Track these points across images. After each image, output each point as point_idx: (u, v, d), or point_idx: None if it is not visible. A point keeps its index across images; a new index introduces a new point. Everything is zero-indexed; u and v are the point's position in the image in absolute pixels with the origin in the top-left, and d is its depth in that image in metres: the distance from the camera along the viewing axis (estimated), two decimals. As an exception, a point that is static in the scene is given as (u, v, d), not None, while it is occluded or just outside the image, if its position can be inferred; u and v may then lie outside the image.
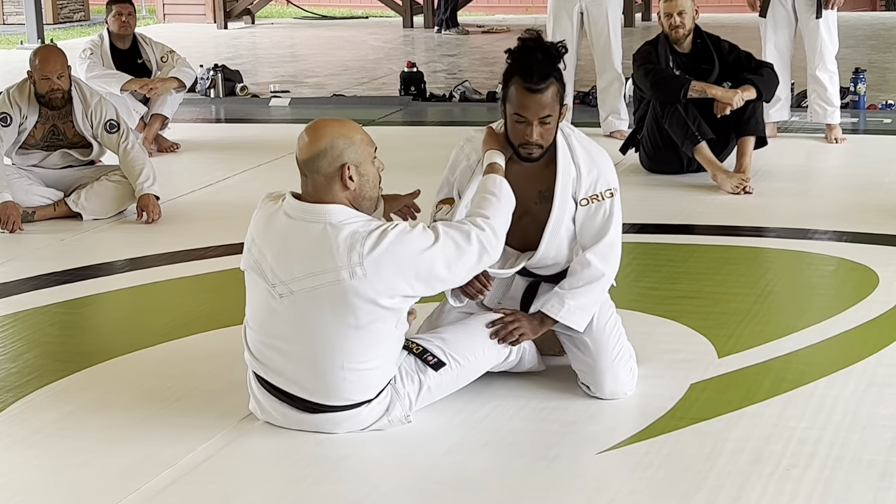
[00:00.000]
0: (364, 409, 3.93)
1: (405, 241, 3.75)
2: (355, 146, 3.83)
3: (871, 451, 3.81)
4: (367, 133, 3.93)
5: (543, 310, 4.12)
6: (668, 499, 3.55)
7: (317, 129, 3.87)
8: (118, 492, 3.64)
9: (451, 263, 3.80)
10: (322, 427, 3.95)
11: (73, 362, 4.71)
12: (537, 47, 4.03)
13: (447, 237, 3.82)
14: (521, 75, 3.99)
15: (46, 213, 6.84)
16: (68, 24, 18.39)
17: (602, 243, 4.14)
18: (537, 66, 3.98)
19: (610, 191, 4.14)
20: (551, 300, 4.11)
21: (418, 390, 4.01)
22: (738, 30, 13.17)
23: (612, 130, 8.71)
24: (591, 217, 4.14)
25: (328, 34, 16.79)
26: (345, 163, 3.81)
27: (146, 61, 8.71)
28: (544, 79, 3.99)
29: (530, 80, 3.98)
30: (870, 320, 4.96)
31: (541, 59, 4.00)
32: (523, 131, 4.04)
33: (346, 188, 3.82)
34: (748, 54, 7.46)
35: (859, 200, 6.92)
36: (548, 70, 4.00)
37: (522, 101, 4.00)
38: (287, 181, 7.69)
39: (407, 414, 3.98)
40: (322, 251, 3.78)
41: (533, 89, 3.98)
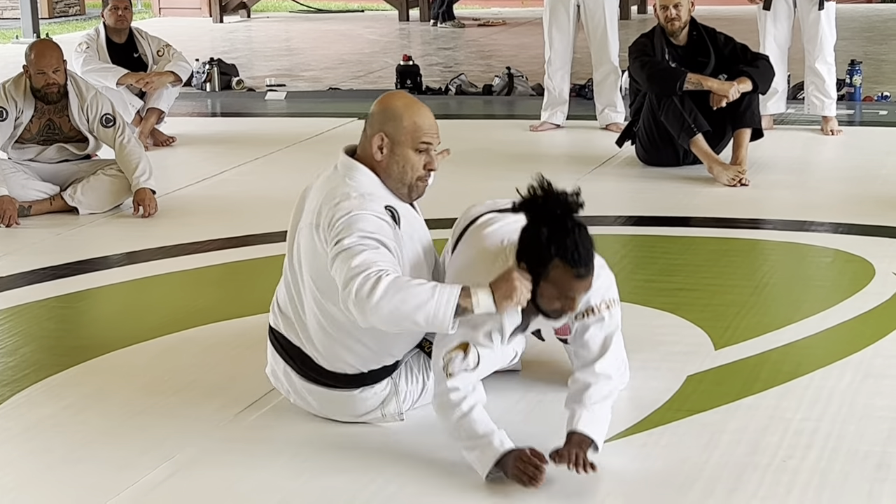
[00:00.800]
0: (357, 393, 3.93)
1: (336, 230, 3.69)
2: (399, 125, 3.81)
3: (868, 443, 3.81)
4: (428, 124, 3.83)
5: (586, 432, 3.65)
6: (664, 490, 3.56)
7: (388, 95, 3.94)
8: (116, 485, 3.65)
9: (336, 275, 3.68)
10: (318, 400, 3.97)
11: (70, 356, 4.71)
12: (571, 220, 3.56)
13: (350, 257, 3.62)
14: (568, 262, 3.52)
15: (43, 207, 6.84)
16: (64, 18, 18.36)
17: (608, 356, 3.78)
18: (584, 249, 3.54)
19: (605, 302, 3.78)
20: (591, 425, 3.66)
21: (421, 391, 4.02)
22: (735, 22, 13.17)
23: (608, 123, 8.72)
24: (588, 328, 3.78)
25: (324, 28, 16.78)
26: (381, 132, 3.82)
27: (142, 55, 8.70)
28: (591, 261, 3.57)
29: (578, 266, 3.54)
30: (866, 312, 4.96)
31: (580, 234, 3.55)
32: (563, 305, 3.62)
33: (373, 157, 3.83)
34: (744, 46, 7.46)
35: (855, 192, 6.93)
36: (591, 249, 3.57)
37: (569, 285, 3.56)
38: (283, 175, 7.75)
39: (401, 411, 3.98)
40: (321, 194, 3.83)
41: (582, 274, 3.57)
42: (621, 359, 3.92)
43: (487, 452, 3.56)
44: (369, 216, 3.71)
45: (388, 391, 3.96)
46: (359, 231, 3.66)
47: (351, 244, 3.64)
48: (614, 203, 6.93)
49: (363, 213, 3.70)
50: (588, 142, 8.45)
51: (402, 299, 3.52)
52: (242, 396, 4.26)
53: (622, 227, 6.36)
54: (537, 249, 3.53)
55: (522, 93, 10.24)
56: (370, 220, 3.70)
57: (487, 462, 3.56)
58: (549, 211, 3.53)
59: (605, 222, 6.39)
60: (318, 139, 8.85)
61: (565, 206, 3.54)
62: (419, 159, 3.83)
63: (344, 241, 3.65)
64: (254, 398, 4.25)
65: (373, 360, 3.94)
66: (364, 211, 3.71)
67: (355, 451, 3.84)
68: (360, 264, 3.59)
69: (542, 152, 8.27)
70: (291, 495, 3.58)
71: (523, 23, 16.25)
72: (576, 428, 3.64)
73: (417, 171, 3.84)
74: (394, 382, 3.98)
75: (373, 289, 3.53)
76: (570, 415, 3.69)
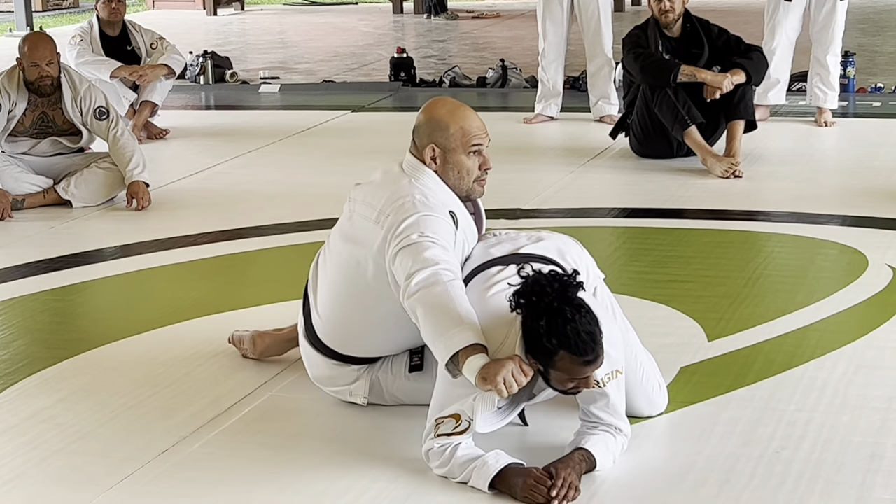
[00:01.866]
0: (333, 363, 4.03)
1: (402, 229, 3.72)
2: (447, 134, 3.83)
3: (861, 434, 3.82)
4: (475, 126, 3.85)
5: (591, 450, 3.60)
6: (657, 481, 3.56)
7: (431, 104, 3.94)
8: (110, 477, 3.65)
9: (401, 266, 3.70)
10: (305, 354, 4.11)
11: (63, 349, 4.71)
12: (569, 307, 3.40)
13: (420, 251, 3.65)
14: (573, 352, 3.40)
15: (36, 200, 6.83)
16: (57, 11, 18.33)
17: (617, 417, 3.67)
18: (587, 335, 3.39)
19: (608, 375, 3.59)
20: (597, 445, 3.62)
21: (391, 382, 4.04)
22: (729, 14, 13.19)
23: (602, 115, 8.72)
24: (593, 399, 3.65)
25: (318, 20, 16.76)
26: (431, 144, 3.85)
27: (136, 48, 8.69)
28: (597, 345, 3.43)
29: (584, 355, 3.41)
30: (859, 303, 4.97)
31: (581, 319, 3.40)
32: (577, 384, 3.51)
33: (428, 167, 3.86)
34: (738, 38, 7.46)
35: (849, 183, 6.94)
36: (595, 332, 3.42)
37: (579, 371, 3.45)
38: (276, 167, 7.75)
39: (366, 396, 4.04)
40: (385, 191, 3.85)
41: (590, 360, 3.44)
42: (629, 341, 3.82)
43: (484, 470, 3.50)
44: (434, 217, 3.75)
45: (361, 372, 4.04)
46: (428, 231, 3.70)
47: (420, 240, 3.67)
48: (608, 195, 6.93)
49: (430, 216, 3.74)
50: (582, 134, 8.45)
51: (441, 308, 3.53)
52: (236, 390, 4.26)
53: (616, 219, 6.36)
54: (540, 344, 3.41)
55: (516, 85, 10.24)
56: (435, 221, 3.74)
57: (487, 476, 3.49)
58: (543, 304, 3.40)
59: (599, 214, 6.40)
60: (312, 132, 8.85)
61: (559, 294, 3.40)
62: (473, 162, 3.87)
63: (412, 236, 3.69)
64: (247, 391, 4.25)
65: (356, 349, 4.01)
66: (431, 213, 3.75)
67: (348, 444, 3.84)
68: (432, 257, 3.62)
69: (536, 144, 8.27)
70: (283, 490, 3.58)
71: (517, 15, 16.24)
72: (582, 445, 3.60)
73: (474, 173, 3.88)
74: (371, 368, 4.05)
75: (437, 282, 3.56)
76: (578, 431, 3.67)
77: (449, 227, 3.77)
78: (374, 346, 4.01)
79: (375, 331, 3.95)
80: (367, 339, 3.98)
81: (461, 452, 3.56)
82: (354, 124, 9.18)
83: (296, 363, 4.40)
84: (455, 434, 3.58)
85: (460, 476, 3.55)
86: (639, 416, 3.92)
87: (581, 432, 3.66)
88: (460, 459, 3.55)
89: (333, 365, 4.06)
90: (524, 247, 3.85)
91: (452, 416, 3.60)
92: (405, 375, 4.02)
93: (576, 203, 6.60)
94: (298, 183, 7.31)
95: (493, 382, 3.42)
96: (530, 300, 3.42)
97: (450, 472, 3.57)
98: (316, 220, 6.32)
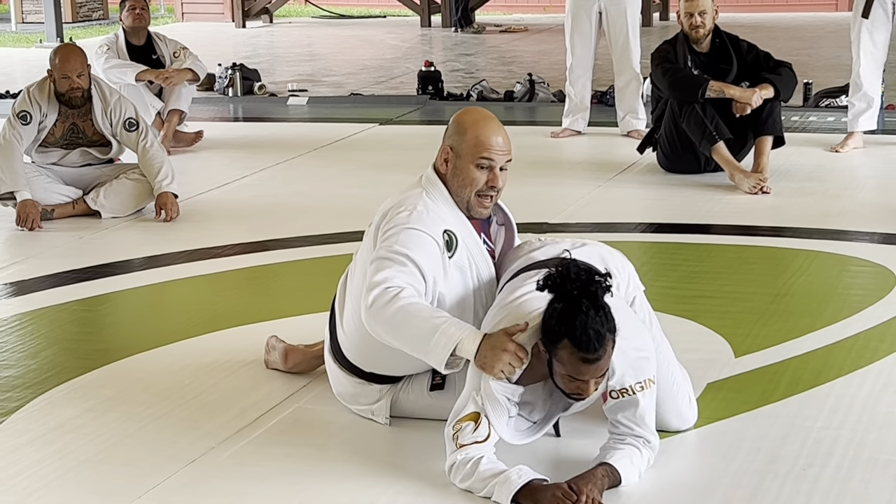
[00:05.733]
0: (356, 381, 4.03)
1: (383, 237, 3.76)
2: (462, 139, 3.85)
3: (888, 452, 3.80)
4: (493, 141, 3.81)
5: (616, 466, 3.58)
6: (684, 497, 3.55)
7: (464, 110, 3.97)
8: (137, 488, 3.66)
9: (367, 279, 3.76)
10: (331, 372, 4.12)
11: (91, 359, 4.73)
12: (588, 301, 3.41)
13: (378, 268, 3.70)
14: (574, 344, 3.40)
15: (65, 211, 6.87)
16: (87, 22, 18.43)
17: (644, 430, 3.65)
18: (593, 333, 3.39)
19: (640, 384, 3.59)
20: (622, 460, 3.59)
21: (413, 402, 4.04)
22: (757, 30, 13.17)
23: (629, 130, 8.71)
24: (623, 408, 3.62)
25: (346, 33, 16.81)
26: (447, 146, 3.88)
27: (160, 56, 8.75)
28: (601, 347, 3.41)
29: (584, 350, 3.41)
30: (887, 320, 4.95)
31: (595, 317, 3.40)
32: (577, 388, 3.51)
33: (440, 171, 3.89)
34: (767, 54, 7.45)
35: (877, 200, 6.91)
36: (604, 331, 3.41)
37: (576, 368, 3.45)
38: (304, 180, 7.77)
39: (387, 417, 4.04)
40: (394, 196, 3.91)
41: (590, 360, 3.43)
42: (653, 421, 3.70)
43: (507, 485, 3.48)
44: (418, 233, 3.74)
45: (384, 392, 4.04)
46: (399, 245, 3.71)
47: (386, 255, 3.69)
48: (635, 210, 6.93)
49: (413, 230, 3.74)
50: (609, 148, 8.45)
51: (406, 325, 3.58)
52: (262, 401, 4.27)
53: (643, 234, 6.36)
54: (549, 326, 3.46)
55: (544, 99, 10.25)
56: (416, 238, 3.73)
57: (510, 491, 3.46)
58: (567, 290, 3.44)
59: (626, 229, 6.40)
60: (340, 144, 8.87)
61: (584, 287, 3.42)
62: (480, 175, 3.83)
63: (381, 250, 3.72)
64: (274, 403, 4.26)
65: (379, 367, 4.01)
66: (415, 227, 3.75)
67: (371, 460, 3.84)
68: (384, 278, 3.65)
69: (564, 159, 8.27)
70: (309, 501, 3.59)
71: (545, 29, 16.25)
72: (606, 460, 3.58)
73: (476, 186, 3.84)
74: (393, 388, 4.04)
75: (386, 304, 3.61)
76: (605, 445, 3.65)
77: (431, 247, 3.75)
78: (394, 363, 3.98)
79: (392, 349, 3.86)
80: (388, 356, 3.92)
81: (484, 467, 3.54)
82: (382, 137, 9.20)
83: (322, 375, 4.41)
84: (477, 443, 3.57)
85: (483, 491, 3.53)
86: (668, 430, 3.91)
87: (607, 447, 3.66)
88: (483, 474, 3.54)
89: (357, 383, 4.06)
90: (566, 252, 3.84)
91: (470, 417, 3.58)
92: (427, 394, 4.01)
93: (603, 218, 6.59)
94: (325, 195, 7.33)
95: (489, 372, 3.50)
96: (556, 282, 3.45)
97: (472, 486, 3.56)
98: (343, 232, 6.34)
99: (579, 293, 3.42)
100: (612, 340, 3.45)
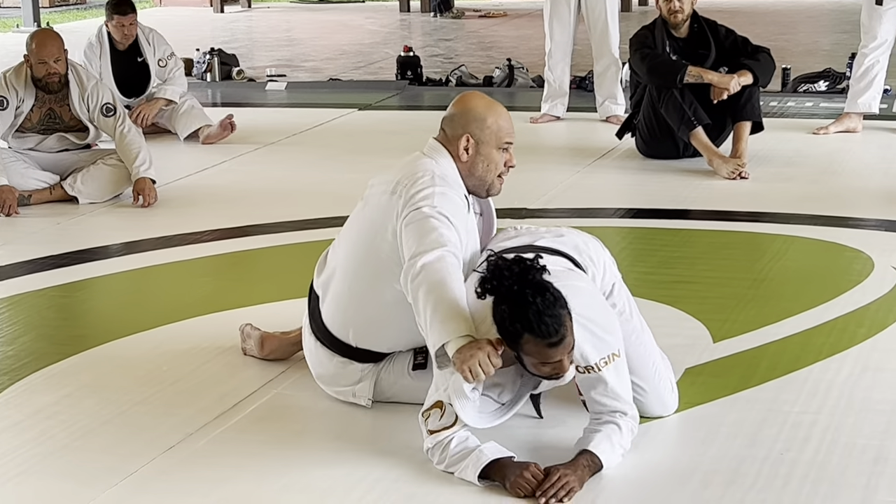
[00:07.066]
0: (338, 359, 4.02)
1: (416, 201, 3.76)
2: (483, 126, 3.91)
3: (865, 436, 3.82)
4: (509, 124, 3.97)
5: (595, 451, 3.59)
6: (662, 481, 3.56)
7: (467, 96, 4.01)
8: (115, 474, 3.65)
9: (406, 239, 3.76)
10: (310, 351, 4.10)
11: (69, 345, 4.72)
12: (531, 290, 3.42)
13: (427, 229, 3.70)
14: (536, 335, 3.42)
15: (42, 196, 6.85)
16: (64, 7, 18.36)
17: (620, 402, 3.66)
18: (549, 318, 3.40)
19: (604, 359, 3.61)
20: (602, 444, 3.60)
21: (393, 383, 4.04)
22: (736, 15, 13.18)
23: (608, 115, 8.72)
24: (592, 385, 3.65)
25: (325, 18, 16.77)
26: (467, 134, 3.90)
27: (145, 59, 8.58)
28: (561, 327, 3.43)
29: (547, 337, 3.42)
30: (864, 305, 4.97)
31: (543, 302, 3.41)
32: (552, 369, 3.53)
33: (458, 158, 3.90)
34: (745, 39, 7.46)
35: (855, 185, 6.93)
36: (558, 310, 3.42)
37: (546, 354, 3.47)
38: (282, 165, 7.75)
39: (370, 398, 4.04)
40: (403, 170, 3.90)
41: (555, 342, 3.45)
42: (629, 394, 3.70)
43: (474, 464, 3.52)
44: (451, 196, 3.80)
45: (366, 372, 4.04)
46: (440, 206, 3.74)
47: (430, 214, 3.71)
48: (614, 195, 6.93)
49: (446, 192, 3.79)
50: (588, 134, 8.45)
51: (440, 296, 3.55)
52: (241, 387, 4.27)
53: (621, 220, 6.36)
54: (505, 328, 3.46)
55: (523, 84, 10.24)
56: (451, 200, 3.79)
57: (477, 467, 3.51)
58: (505, 288, 3.43)
59: (605, 214, 6.40)
60: (319, 130, 8.85)
61: (521, 278, 3.42)
62: (501, 158, 3.96)
63: (424, 209, 3.73)
64: (252, 389, 4.26)
65: (367, 340, 4.00)
66: (447, 189, 3.81)
67: (351, 444, 3.84)
68: (438, 239, 3.65)
69: (542, 144, 8.27)
70: (289, 487, 3.59)
71: (524, 14, 16.24)
72: (587, 447, 3.59)
73: (499, 168, 3.96)
74: (375, 368, 4.04)
75: (439, 269, 3.60)
76: (585, 431, 3.66)
77: (462, 206, 3.83)
78: (381, 335, 3.99)
79: (384, 318, 3.92)
80: (376, 327, 3.96)
81: (454, 448, 3.58)
82: (361, 122, 9.18)
83: (301, 362, 4.41)
84: (446, 428, 3.59)
85: (457, 471, 3.57)
86: (649, 417, 3.91)
87: (588, 429, 3.67)
88: (454, 457, 3.57)
89: (339, 362, 4.06)
90: (540, 240, 3.87)
91: (435, 406, 3.62)
92: (409, 374, 4.03)
93: (581, 203, 6.60)
94: (304, 181, 7.32)
95: (459, 369, 3.48)
96: (492, 285, 3.46)
97: (447, 467, 3.59)
98: (322, 217, 6.33)
99: (519, 286, 3.43)
100: (568, 314, 3.46)
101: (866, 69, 8.10)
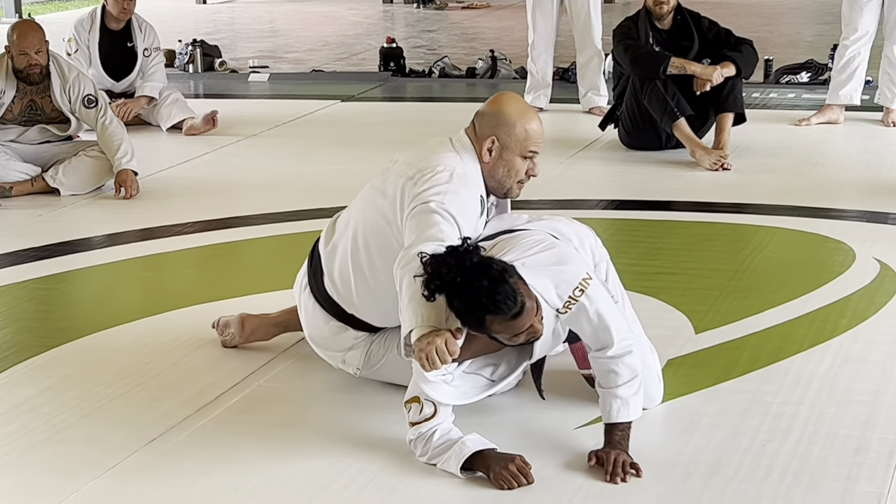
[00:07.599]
0: (333, 323, 4.04)
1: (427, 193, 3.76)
2: (511, 132, 3.88)
3: (847, 426, 3.83)
4: (538, 133, 3.91)
5: (617, 419, 3.65)
6: (644, 473, 3.56)
7: (503, 97, 3.98)
8: (97, 467, 3.65)
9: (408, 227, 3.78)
10: (305, 311, 4.12)
11: (50, 338, 4.71)
12: (472, 274, 3.42)
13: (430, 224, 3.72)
14: (496, 314, 3.44)
15: (24, 188, 6.82)
16: (46, -2, 18.27)
17: (614, 335, 3.67)
18: (502, 294, 3.42)
19: (578, 288, 3.64)
20: (621, 410, 3.64)
21: (382, 357, 4.07)
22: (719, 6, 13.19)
23: (591, 106, 8.72)
24: (579, 320, 3.67)
25: (307, 9, 16.72)
26: (493, 136, 3.88)
27: (135, 46, 8.58)
28: (516, 297, 3.44)
29: (507, 312, 3.45)
30: (846, 296, 4.98)
31: (489, 281, 3.42)
32: (527, 333, 3.56)
33: (481, 158, 3.90)
34: (728, 31, 7.47)
35: (837, 177, 6.94)
36: (504, 284, 3.43)
37: (515, 325, 3.49)
38: (265, 157, 7.74)
39: (359, 367, 4.07)
40: (427, 154, 3.90)
41: (518, 313, 3.47)
42: (624, 329, 3.72)
43: (456, 456, 3.54)
44: (465, 196, 3.80)
45: (359, 341, 4.06)
46: (449, 204, 3.73)
47: (436, 210, 3.71)
48: (596, 187, 6.93)
49: (461, 191, 3.79)
50: (571, 125, 8.45)
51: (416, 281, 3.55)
52: (223, 379, 4.26)
53: (604, 211, 6.37)
54: (467, 320, 3.48)
55: (506, 76, 10.23)
56: (463, 200, 3.78)
57: (459, 459, 3.53)
58: (449, 281, 3.43)
59: (588, 206, 6.41)
60: (301, 121, 8.84)
61: (458, 266, 3.42)
62: (523, 166, 3.94)
63: (431, 203, 3.73)
64: (234, 381, 4.25)
65: (365, 311, 4.03)
66: (463, 188, 3.80)
67: (333, 436, 3.84)
68: (437, 234, 3.65)
69: (525, 135, 8.25)
70: (271, 479, 3.58)
71: (507, 6, 16.22)
72: (612, 419, 3.62)
73: (519, 176, 3.95)
74: (369, 339, 4.06)
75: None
76: (602, 405, 3.67)
77: (474, 209, 3.83)
78: (379, 309, 4.00)
79: (383, 293, 3.92)
80: (375, 300, 3.98)
81: (436, 441, 3.59)
82: (344, 114, 9.17)
83: (283, 353, 4.41)
84: (426, 420, 3.60)
85: (440, 462, 3.57)
86: None
87: (602, 405, 3.66)
88: (436, 444, 3.58)
89: (335, 326, 4.07)
90: (518, 225, 3.89)
91: (413, 400, 3.63)
92: (399, 349, 4.01)
93: (564, 195, 6.60)
94: (287, 172, 7.30)
95: (416, 357, 3.50)
96: (436, 285, 3.46)
97: (430, 459, 3.60)
98: (304, 209, 6.32)
99: (461, 275, 3.43)
100: (517, 279, 3.48)
101: (847, 61, 8.12)
